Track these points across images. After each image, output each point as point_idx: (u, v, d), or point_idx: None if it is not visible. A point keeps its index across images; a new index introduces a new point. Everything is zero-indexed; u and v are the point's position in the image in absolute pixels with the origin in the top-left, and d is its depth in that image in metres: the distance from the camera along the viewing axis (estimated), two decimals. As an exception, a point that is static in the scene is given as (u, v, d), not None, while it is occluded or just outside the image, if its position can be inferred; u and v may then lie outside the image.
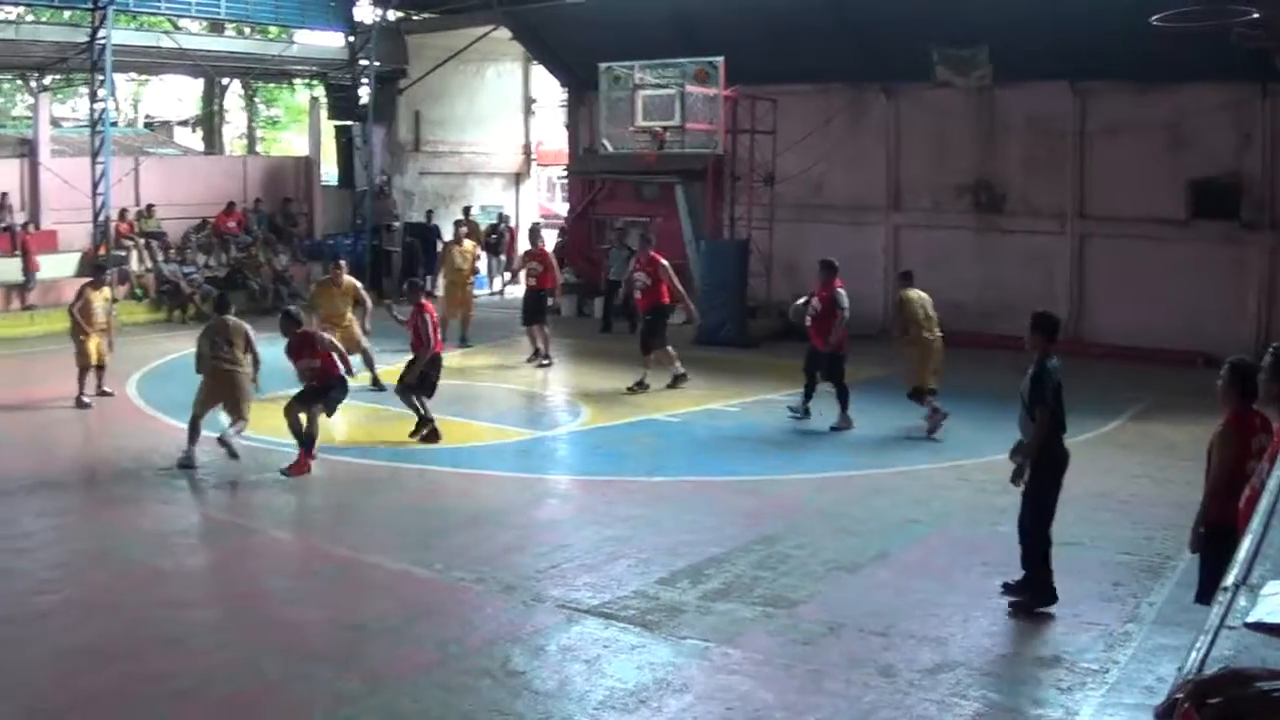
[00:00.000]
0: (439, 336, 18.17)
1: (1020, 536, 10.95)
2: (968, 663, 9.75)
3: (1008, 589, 11.10)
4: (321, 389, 15.98)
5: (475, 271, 26.47)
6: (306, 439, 15.82)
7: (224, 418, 16.36)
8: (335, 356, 16.18)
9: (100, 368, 20.57)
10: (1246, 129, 24.50)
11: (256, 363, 16.57)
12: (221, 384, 16.33)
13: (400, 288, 33.91)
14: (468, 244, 26.50)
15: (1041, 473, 10.79)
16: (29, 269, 28.09)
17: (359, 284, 22.56)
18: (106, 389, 20.59)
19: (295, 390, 16.33)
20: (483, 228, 35.77)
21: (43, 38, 30.00)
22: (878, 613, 10.72)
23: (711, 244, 28.08)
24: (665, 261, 22.00)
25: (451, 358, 23.85)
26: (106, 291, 21.02)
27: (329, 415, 16.38)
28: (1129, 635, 10.20)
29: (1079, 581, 11.51)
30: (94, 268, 21.46)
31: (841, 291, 18.95)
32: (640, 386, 21.34)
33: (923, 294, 19.02)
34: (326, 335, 17.11)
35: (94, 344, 20.24)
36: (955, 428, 17.97)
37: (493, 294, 34.91)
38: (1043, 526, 10.83)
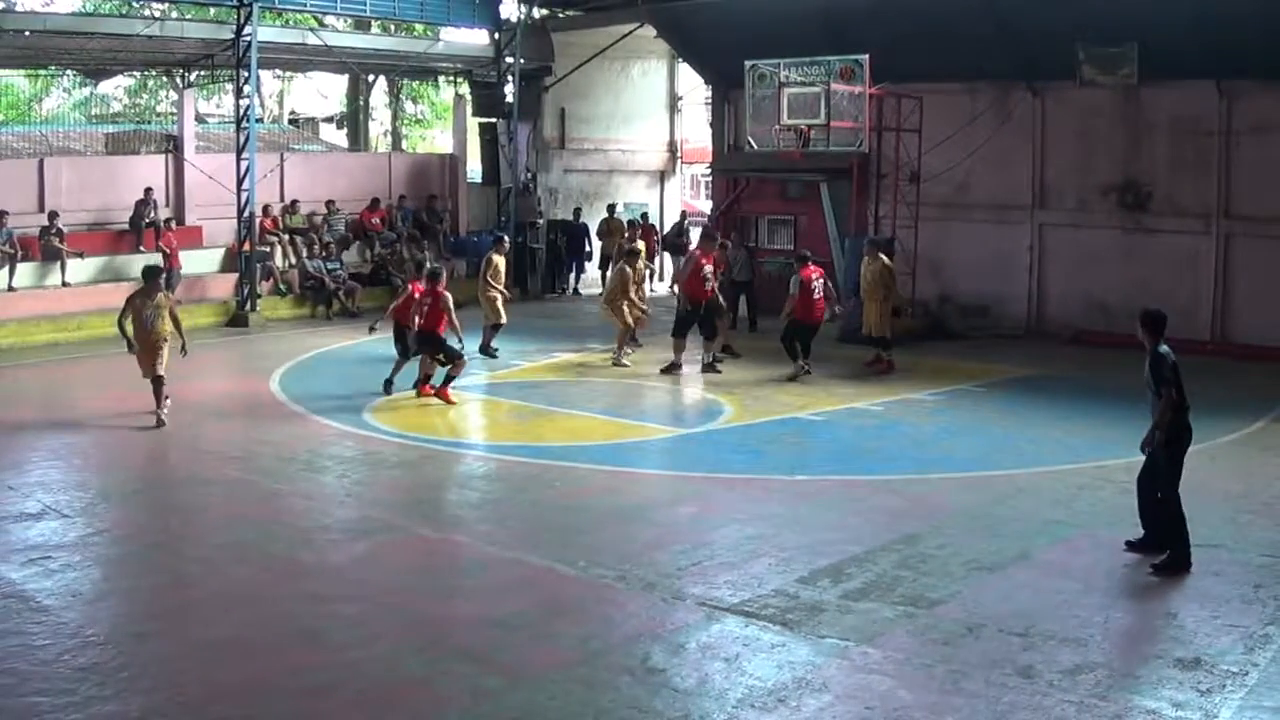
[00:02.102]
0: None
1: (1139, 499, 12.45)
2: (1107, 664, 9.74)
3: (1131, 546, 12.41)
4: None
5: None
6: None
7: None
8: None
9: (156, 380, 18.40)
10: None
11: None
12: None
13: (543, 283, 34.37)
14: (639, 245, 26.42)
15: (1173, 443, 12.01)
16: (170, 266, 28.24)
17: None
18: (163, 414, 18.41)
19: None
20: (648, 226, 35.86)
21: (188, 35, 30.51)
22: (1018, 613, 10.71)
23: (856, 242, 28.07)
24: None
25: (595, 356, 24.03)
26: (160, 298, 18.62)
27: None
28: (1269, 638, 10.11)
29: (1220, 583, 11.50)
30: (144, 271, 19.20)
31: (796, 278, 22.60)
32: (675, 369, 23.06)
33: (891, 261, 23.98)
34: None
35: (148, 356, 18.37)
36: (1096, 429, 17.87)
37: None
38: (1173, 488, 11.95)
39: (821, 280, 22.62)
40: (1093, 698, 9.01)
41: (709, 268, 23.27)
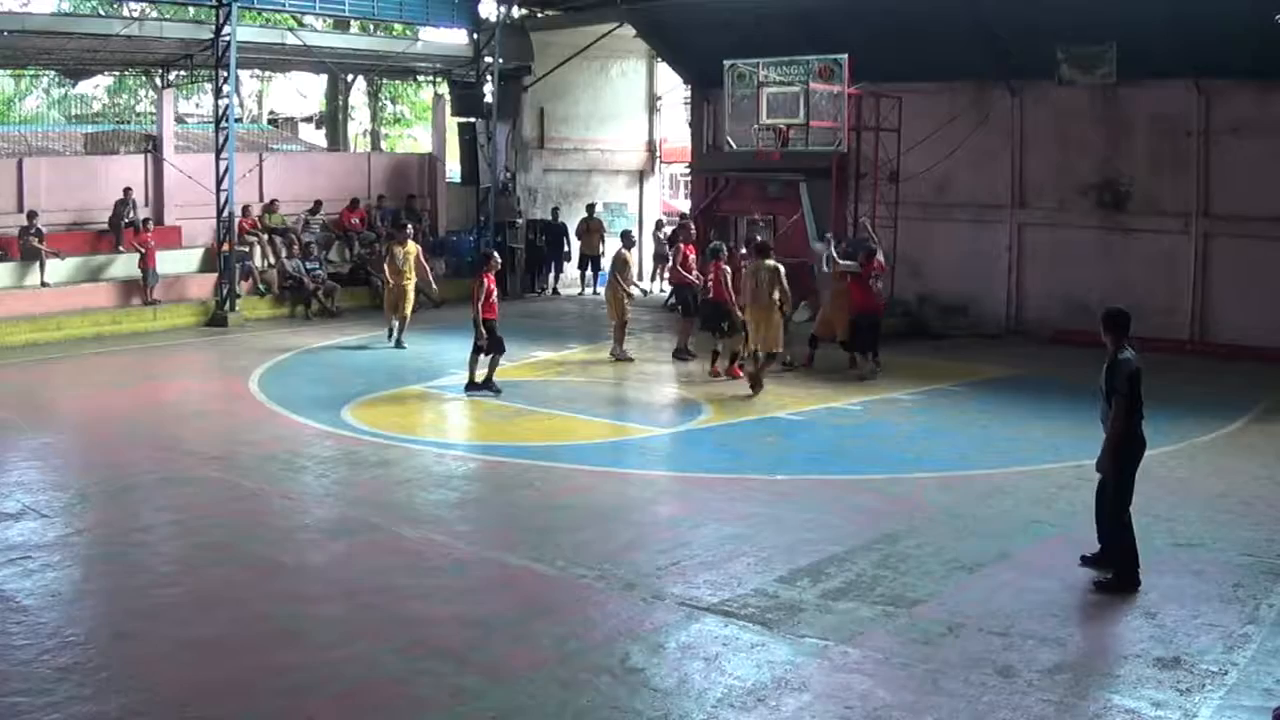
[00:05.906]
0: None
1: (1097, 512, 11.71)
2: (1087, 663, 9.79)
3: (1086, 561, 11.85)
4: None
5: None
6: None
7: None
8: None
9: None
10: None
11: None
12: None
13: (522, 283, 34.29)
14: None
15: (1121, 456, 11.36)
16: (146, 265, 28.57)
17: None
18: None
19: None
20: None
21: (167, 35, 30.36)
22: (998, 613, 10.72)
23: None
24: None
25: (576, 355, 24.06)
26: None
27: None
28: (1248, 637, 10.15)
29: (1199, 582, 11.54)
30: None
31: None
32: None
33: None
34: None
35: None
36: (1076, 429, 17.89)
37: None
38: (1122, 508, 11.42)
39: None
40: (1072, 697, 9.04)
41: (692, 257, 24.80)
